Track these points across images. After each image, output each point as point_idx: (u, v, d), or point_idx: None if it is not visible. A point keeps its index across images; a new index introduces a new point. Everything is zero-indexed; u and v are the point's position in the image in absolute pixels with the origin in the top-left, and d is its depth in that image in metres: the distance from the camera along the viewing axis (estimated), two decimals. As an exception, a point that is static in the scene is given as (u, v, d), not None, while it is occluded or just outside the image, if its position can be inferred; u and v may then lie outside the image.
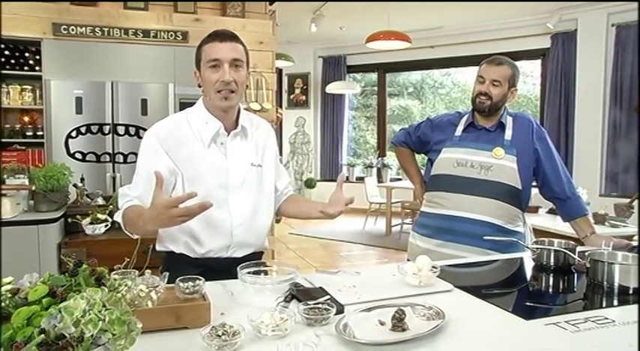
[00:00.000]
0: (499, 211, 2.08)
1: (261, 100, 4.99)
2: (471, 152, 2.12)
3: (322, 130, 9.26)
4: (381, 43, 5.91)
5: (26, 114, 4.41)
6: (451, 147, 2.17)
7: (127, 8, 4.47)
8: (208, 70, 1.55)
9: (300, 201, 1.92)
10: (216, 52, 1.54)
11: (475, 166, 2.09)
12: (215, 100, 1.58)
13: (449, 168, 2.14)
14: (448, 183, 2.13)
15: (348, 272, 1.59)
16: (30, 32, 4.23)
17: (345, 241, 6.79)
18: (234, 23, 4.82)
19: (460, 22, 7.24)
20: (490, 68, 2.10)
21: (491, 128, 2.16)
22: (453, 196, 2.11)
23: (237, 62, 1.56)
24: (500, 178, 2.07)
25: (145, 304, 1.04)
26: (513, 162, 2.07)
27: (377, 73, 8.96)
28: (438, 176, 2.18)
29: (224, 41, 1.55)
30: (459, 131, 2.19)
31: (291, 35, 8.16)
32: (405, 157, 2.46)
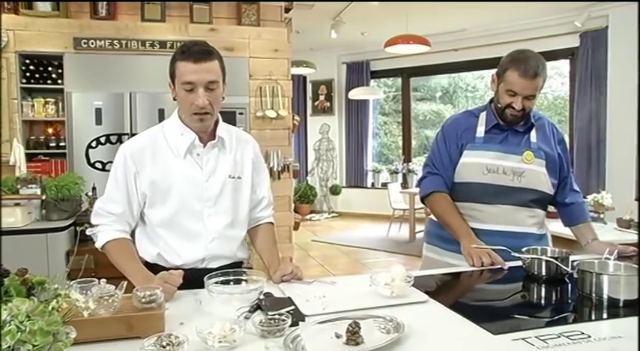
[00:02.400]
0: (533, 219, 1.97)
1: (277, 107, 5.01)
2: (500, 156, 1.92)
3: (347, 137, 9.22)
4: (400, 47, 5.86)
5: (50, 126, 4.57)
6: (475, 150, 1.95)
7: (145, 20, 4.59)
8: (182, 91, 1.54)
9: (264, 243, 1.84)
10: (190, 75, 1.50)
11: (507, 173, 1.91)
12: (190, 121, 1.58)
13: (478, 175, 1.93)
14: (480, 192, 1.92)
15: (325, 282, 1.56)
16: (53, 47, 4.40)
17: (368, 248, 6.71)
18: (249, 32, 4.88)
19: (483, 24, 7.10)
20: (524, 83, 1.82)
21: (520, 128, 1.97)
22: (487, 207, 1.93)
23: (211, 85, 1.53)
24: (534, 185, 1.93)
25: (81, 314, 1.04)
26: (542, 166, 1.94)
27: (401, 78, 8.88)
28: (466, 185, 1.96)
29: (198, 62, 1.50)
30: (481, 132, 1.97)
31: (314, 42, 8.19)
32: (444, 206, 1.98)
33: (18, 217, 2.75)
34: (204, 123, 1.57)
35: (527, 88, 1.83)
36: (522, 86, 1.83)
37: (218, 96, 1.57)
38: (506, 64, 1.88)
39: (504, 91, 1.89)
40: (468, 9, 6.37)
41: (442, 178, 2.01)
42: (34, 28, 4.38)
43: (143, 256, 1.65)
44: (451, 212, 1.96)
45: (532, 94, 1.85)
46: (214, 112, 1.58)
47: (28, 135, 4.50)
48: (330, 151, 9.35)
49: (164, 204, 1.59)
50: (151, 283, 1.35)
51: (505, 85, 1.88)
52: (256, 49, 4.91)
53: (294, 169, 5.40)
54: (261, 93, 4.96)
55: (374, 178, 9.10)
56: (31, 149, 4.42)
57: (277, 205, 5.09)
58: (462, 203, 1.98)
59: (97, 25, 4.46)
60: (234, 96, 4.86)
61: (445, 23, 7.03)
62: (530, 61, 1.82)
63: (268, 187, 1.84)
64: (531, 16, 6.79)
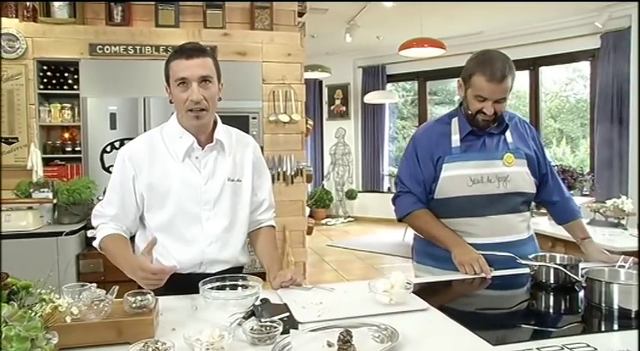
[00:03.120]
0: (524, 222, 1.91)
1: (290, 111, 5.00)
2: (481, 165, 1.84)
3: (363, 141, 9.18)
4: (415, 50, 5.80)
5: (66, 131, 4.63)
6: (454, 161, 1.85)
7: (159, 26, 4.62)
8: (177, 89, 1.54)
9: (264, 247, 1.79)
10: (184, 70, 1.51)
11: (492, 180, 1.82)
12: (186, 119, 1.57)
13: (463, 188, 1.83)
14: (468, 206, 1.84)
15: (323, 288, 1.53)
16: (69, 53, 4.46)
17: (383, 253, 6.65)
18: (262, 36, 4.88)
19: (500, 26, 7.00)
20: (492, 87, 1.73)
21: (495, 130, 1.89)
22: (479, 220, 1.83)
23: (206, 78, 1.53)
24: (520, 187, 1.86)
25: (63, 320, 1.02)
26: (524, 165, 1.87)
27: (417, 82, 8.80)
28: (451, 200, 1.86)
29: (191, 58, 1.51)
30: (457, 141, 1.87)
31: (329, 47, 8.18)
32: (425, 219, 1.90)
33: (30, 221, 2.78)
34: (200, 120, 1.55)
35: (496, 92, 1.76)
36: (491, 90, 1.75)
37: (213, 93, 1.56)
38: (472, 69, 1.79)
39: (473, 96, 1.81)
40: (483, 11, 6.29)
41: (415, 195, 1.92)
42: (51, 35, 4.45)
43: None
44: (435, 224, 1.89)
45: (502, 97, 1.78)
46: (210, 110, 1.56)
47: (45, 140, 4.57)
48: (346, 155, 9.31)
49: (162, 208, 1.58)
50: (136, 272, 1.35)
51: (473, 90, 1.80)
52: (269, 53, 4.91)
53: (307, 174, 5.37)
54: (274, 97, 4.96)
55: (390, 183, 9.03)
56: (47, 154, 4.48)
57: (291, 210, 5.14)
58: (451, 219, 1.89)
59: (112, 31, 4.51)
60: (247, 100, 4.88)
61: (461, 26, 6.95)
62: (496, 63, 1.74)
63: (270, 190, 1.81)
64: (549, 18, 6.67)
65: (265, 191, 1.79)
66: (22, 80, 4.40)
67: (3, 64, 4.39)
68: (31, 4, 4.50)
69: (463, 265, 1.74)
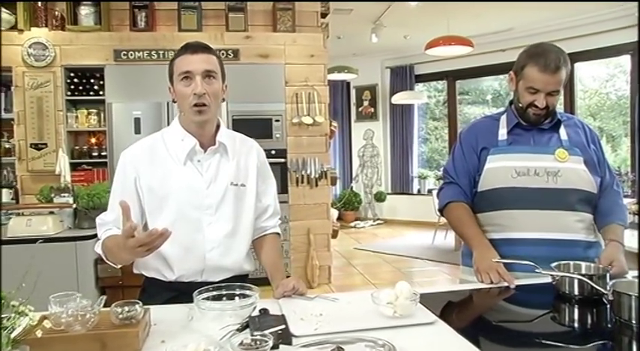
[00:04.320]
0: (580, 223, 1.75)
1: (313, 113, 4.95)
2: (528, 157, 1.75)
3: (392, 142, 9.04)
4: (442, 49, 5.66)
5: (93, 136, 4.71)
6: (499, 153, 1.79)
7: (181, 31, 4.65)
8: (180, 84, 1.50)
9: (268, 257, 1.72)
10: (188, 65, 1.49)
11: (540, 174, 1.73)
12: (189, 114, 1.52)
13: (506, 179, 1.75)
14: (509, 198, 1.75)
15: (326, 298, 1.45)
16: (95, 60, 4.55)
17: (411, 256, 6.50)
18: (284, 38, 4.86)
19: (532, 22, 6.75)
20: (545, 78, 1.67)
21: (546, 126, 1.80)
22: (520, 213, 1.74)
23: (210, 73, 1.50)
24: (574, 184, 1.73)
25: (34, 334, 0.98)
26: (580, 163, 1.75)
27: (446, 81, 8.61)
28: (492, 191, 1.78)
29: (195, 53, 1.49)
30: (503, 134, 1.81)
31: (356, 47, 8.10)
32: (459, 215, 1.83)
33: (50, 225, 2.81)
34: (203, 116, 1.50)
35: (549, 83, 1.68)
36: (544, 82, 1.68)
37: (216, 89, 1.52)
38: (524, 60, 1.73)
39: (524, 89, 1.74)
40: (512, 7, 6.08)
41: (459, 187, 1.87)
42: (78, 42, 4.55)
43: (141, 269, 1.60)
44: (467, 222, 1.80)
45: (555, 89, 1.70)
46: (213, 107, 1.52)
47: (72, 145, 4.66)
48: (374, 157, 9.19)
49: (161, 212, 1.53)
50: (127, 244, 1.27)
51: (525, 82, 1.73)
52: (292, 55, 4.88)
53: (332, 176, 5.31)
54: (297, 99, 4.92)
55: (420, 185, 8.86)
56: (75, 159, 4.57)
57: (315, 213, 5.08)
58: (492, 213, 1.81)
59: (136, 37, 4.57)
60: (270, 103, 4.86)
61: (489, 23, 6.75)
62: (550, 54, 1.67)
63: (275, 196, 1.76)
64: (585, 11, 6.39)
65: (270, 197, 1.74)
66: (51, 87, 4.50)
67: (33, 72, 4.51)
68: (59, 13, 4.59)
69: (480, 273, 1.64)
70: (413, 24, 6.81)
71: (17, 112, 4.50)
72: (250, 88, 4.80)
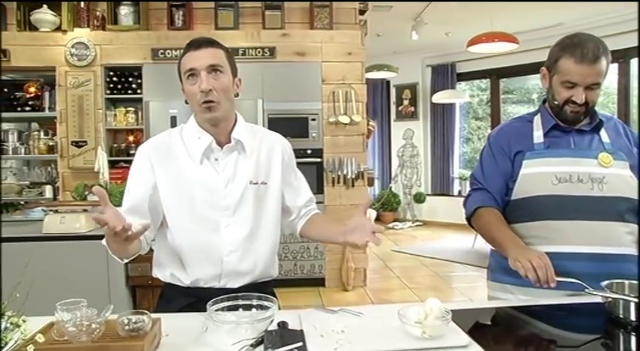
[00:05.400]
0: (630, 235, 1.57)
1: (350, 112, 4.84)
2: (569, 162, 1.58)
3: (432, 142, 8.81)
4: (485, 46, 5.43)
5: (130, 134, 4.77)
6: (536, 158, 1.61)
7: (218, 29, 4.64)
8: (187, 83, 1.44)
9: (321, 222, 1.65)
10: (192, 61, 1.42)
11: (584, 180, 1.55)
12: (199, 113, 1.45)
13: (546, 186, 1.57)
14: (550, 207, 1.56)
15: (350, 312, 1.35)
16: (133, 59, 4.60)
17: (451, 260, 6.29)
18: (321, 36, 4.78)
19: (582, 16, 6.39)
20: (583, 69, 1.49)
21: (586, 127, 1.63)
22: (562, 224, 1.56)
23: (215, 68, 1.41)
24: (621, 192, 1.55)
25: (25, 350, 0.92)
26: (626, 168, 1.57)
27: (489, 80, 8.31)
28: (529, 199, 1.60)
29: (199, 48, 1.42)
30: (539, 137, 1.63)
31: (397, 45, 7.93)
32: (488, 218, 1.65)
33: (82, 223, 2.82)
34: (212, 113, 1.43)
35: (587, 74, 1.49)
36: (582, 73, 1.49)
37: (225, 84, 1.43)
38: (558, 52, 1.54)
39: (559, 83, 1.55)
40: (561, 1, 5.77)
41: (488, 192, 1.69)
42: (117, 42, 4.61)
43: (156, 273, 1.55)
44: (497, 225, 1.61)
45: (595, 81, 1.51)
46: (222, 102, 1.44)
47: (111, 143, 4.73)
48: (414, 157, 8.98)
49: (177, 212, 1.47)
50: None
51: (560, 76, 1.54)
52: (329, 53, 4.79)
53: (369, 177, 5.19)
54: (334, 98, 4.83)
55: (461, 186, 8.59)
56: (113, 156, 4.64)
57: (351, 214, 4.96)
58: (529, 223, 1.62)
59: (174, 36, 4.59)
60: (307, 102, 4.79)
61: (537, 19, 6.43)
62: (587, 43, 1.49)
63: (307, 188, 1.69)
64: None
65: (308, 190, 1.67)
66: (91, 86, 4.58)
67: (75, 72, 4.59)
68: (100, 14, 4.66)
69: (519, 261, 1.42)
70: (455, 20, 6.59)
71: (60, 111, 4.60)
72: (286, 87, 4.74)
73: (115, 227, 1.16)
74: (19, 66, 4.60)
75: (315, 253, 4.82)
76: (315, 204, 1.71)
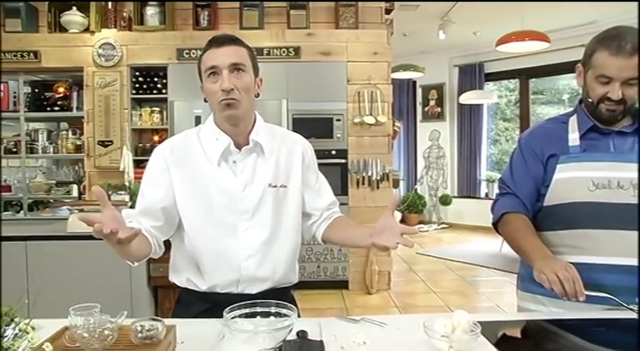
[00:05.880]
0: None
1: (375, 113, 4.77)
2: (609, 166, 1.46)
3: (459, 144, 8.65)
4: (514, 45, 5.28)
5: (155, 133, 4.80)
6: (572, 162, 1.50)
7: (243, 29, 4.63)
8: (208, 81, 1.39)
9: (344, 225, 1.57)
10: (213, 59, 1.37)
11: (625, 186, 1.44)
12: (218, 111, 1.40)
13: (582, 192, 1.47)
14: (586, 215, 1.46)
15: (373, 322, 1.28)
16: (159, 59, 4.63)
17: (477, 264, 6.16)
18: (347, 35, 4.72)
19: (619, 13, 6.16)
20: (619, 62, 1.38)
21: (628, 129, 1.51)
22: (600, 233, 1.45)
23: (238, 66, 1.37)
24: None
25: None
26: None
27: (518, 80, 8.11)
28: (563, 206, 1.50)
29: (222, 46, 1.37)
30: (575, 139, 1.52)
31: (423, 45, 7.81)
32: (515, 225, 1.55)
33: (106, 223, 2.82)
34: (232, 111, 1.38)
35: (624, 68, 1.37)
36: (618, 67, 1.38)
37: (247, 83, 1.39)
38: (593, 46, 1.44)
39: (594, 79, 1.44)
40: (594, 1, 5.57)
41: (517, 197, 1.58)
42: (143, 42, 4.64)
43: (172, 278, 1.51)
44: (525, 233, 1.50)
45: (632, 76, 1.38)
46: (243, 102, 1.39)
47: (136, 142, 4.77)
48: (440, 158, 8.84)
49: (193, 215, 1.43)
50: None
51: (594, 71, 1.43)
52: (354, 52, 4.73)
53: (394, 179, 5.10)
54: (360, 98, 4.76)
55: (488, 188, 8.42)
56: (138, 156, 4.66)
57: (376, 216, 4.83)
58: (562, 232, 1.52)
59: (199, 36, 4.59)
60: (331, 102, 4.74)
61: (569, 16, 6.23)
62: (626, 35, 1.38)
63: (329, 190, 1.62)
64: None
65: (330, 191, 1.61)
66: (117, 86, 4.62)
67: (101, 72, 4.64)
68: (127, 14, 4.71)
69: (544, 273, 1.34)
70: (483, 19, 6.44)
71: (87, 111, 4.66)
72: (311, 87, 4.70)
73: (101, 230, 1.11)
74: (49, 67, 4.68)
75: (338, 255, 4.76)
76: (338, 207, 1.64)
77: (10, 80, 4.78)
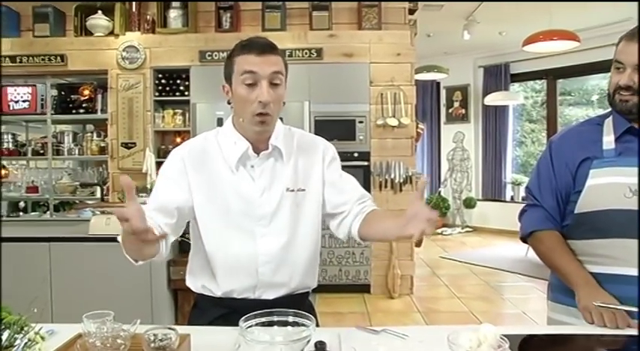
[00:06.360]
0: None
1: (399, 115, 4.71)
2: None
3: (484, 146, 8.49)
4: (542, 44, 5.14)
5: (178, 135, 4.82)
6: (606, 166, 1.41)
7: (265, 30, 4.62)
8: (242, 87, 1.33)
9: (377, 219, 1.47)
10: (254, 66, 1.31)
11: None
12: (249, 123, 1.35)
13: (617, 199, 1.38)
14: (622, 223, 1.38)
15: (394, 333, 1.23)
16: (181, 61, 4.65)
17: (502, 269, 6.02)
18: (369, 36, 4.67)
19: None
20: (630, 48, 1.35)
21: None
22: (636, 244, 1.36)
23: (276, 76, 1.32)
24: None
25: None
26: None
27: (545, 81, 7.92)
28: (596, 214, 1.42)
29: (263, 54, 1.31)
30: (610, 142, 1.44)
31: (448, 46, 7.70)
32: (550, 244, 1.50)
33: (127, 226, 2.82)
34: (264, 127, 1.35)
35: (634, 52, 1.33)
36: (630, 52, 1.34)
37: (281, 95, 1.36)
38: (619, 41, 1.41)
39: (613, 70, 1.41)
40: None
41: (545, 210, 1.52)
42: (166, 44, 4.67)
43: (189, 283, 1.49)
44: (561, 252, 1.46)
45: None
46: (275, 116, 1.36)
47: (159, 144, 4.80)
48: (464, 161, 8.70)
49: (211, 220, 1.40)
50: None
51: (614, 62, 1.40)
52: (377, 53, 4.68)
53: (417, 181, 5.02)
54: (382, 100, 4.71)
55: (513, 191, 8.24)
56: (161, 158, 4.68)
57: (398, 220, 4.83)
58: (595, 241, 1.43)
59: (221, 38, 4.60)
60: (354, 103, 4.69)
61: (600, 14, 6.05)
62: None
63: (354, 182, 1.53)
64: None
65: (358, 186, 1.52)
66: (141, 88, 4.66)
67: (125, 75, 4.69)
68: (151, 17, 4.74)
69: (589, 311, 1.32)
70: (510, 19, 6.31)
71: (111, 113, 4.72)
72: (333, 88, 4.66)
73: (136, 227, 1.04)
74: (75, 70, 4.76)
75: (360, 258, 4.71)
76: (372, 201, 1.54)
77: (38, 83, 4.87)
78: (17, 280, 2.77)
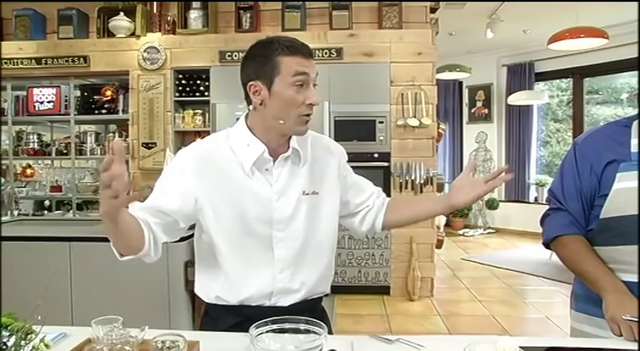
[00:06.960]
0: None
1: (419, 115, 4.64)
2: None
3: (507, 146, 8.34)
4: (568, 42, 5.01)
5: (198, 135, 4.83)
6: (633, 170, 1.35)
7: (285, 30, 4.60)
8: (293, 88, 1.28)
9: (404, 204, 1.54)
10: (305, 67, 1.29)
11: None
12: (293, 124, 1.32)
13: None
14: None
15: (409, 343, 1.19)
16: (201, 61, 4.67)
17: (525, 272, 5.89)
18: (390, 35, 4.62)
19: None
20: None
21: None
22: None
23: (316, 79, 1.35)
24: None
25: None
26: None
27: (571, 79, 7.73)
28: (623, 219, 1.35)
29: (310, 58, 1.31)
30: (637, 145, 1.38)
31: (470, 44, 7.58)
32: (575, 249, 1.44)
33: (145, 226, 2.83)
34: (307, 127, 1.36)
35: None
36: None
37: None
38: None
39: None
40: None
41: (569, 214, 1.45)
42: (186, 45, 4.70)
43: (199, 292, 1.44)
44: (587, 257, 1.39)
45: None
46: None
47: (179, 144, 4.83)
48: (487, 161, 8.55)
49: (224, 227, 1.35)
50: None
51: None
52: (398, 53, 4.62)
53: (438, 182, 4.95)
54: (403, 100, 4.65)
55: (537, 192, 8.07)
56: (181, 158, 4.72)
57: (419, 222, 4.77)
58: (624, 247, 1.36)
59: (241, 38, 4.60)
60: (374, 104, 4.64)
61: (629, 10, 5.86)
62: None
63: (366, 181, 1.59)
64: None
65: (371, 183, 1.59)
66: (161, 89, 4.69)
67: (146, 75, 4.73)
68: (171, 18, 4.78)
69: (616, 323, 1.24)
70: (534, 16, 6.17)
71: (132, 113, 4.76)
72: (353, 88, 4.62)
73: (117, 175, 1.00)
74: (98, 71, 4.82)
75: (380, 260, 4.66)
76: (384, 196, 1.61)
77: (62, 84, 4.95)
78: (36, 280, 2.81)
